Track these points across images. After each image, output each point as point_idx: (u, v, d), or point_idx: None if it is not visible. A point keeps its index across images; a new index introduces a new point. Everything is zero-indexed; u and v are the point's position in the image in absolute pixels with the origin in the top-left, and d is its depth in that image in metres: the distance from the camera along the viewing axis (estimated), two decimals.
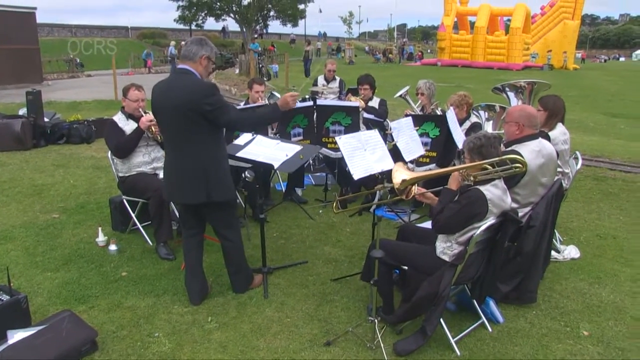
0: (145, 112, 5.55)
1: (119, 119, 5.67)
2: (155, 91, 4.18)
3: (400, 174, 3.96)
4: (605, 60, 75.04)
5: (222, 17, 47.75)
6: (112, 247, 5.44)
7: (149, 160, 5.70)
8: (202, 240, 4.63)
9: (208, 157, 4.12)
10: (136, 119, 5.60)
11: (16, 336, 3.57)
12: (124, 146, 5.57)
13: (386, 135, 6.00)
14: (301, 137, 6.92)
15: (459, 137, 5.89)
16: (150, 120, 5.43)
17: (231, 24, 54.54)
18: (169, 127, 4.16)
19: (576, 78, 33.38)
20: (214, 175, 4.14)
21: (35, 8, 22.90)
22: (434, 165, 6.36)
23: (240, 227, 4.72)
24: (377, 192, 4.94)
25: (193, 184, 4.13)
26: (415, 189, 4.06)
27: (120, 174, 5.69)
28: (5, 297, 3.84)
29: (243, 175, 6.16)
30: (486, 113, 6.30)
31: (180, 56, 4.24)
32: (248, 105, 6.69)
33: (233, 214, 4.58)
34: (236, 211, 4.68)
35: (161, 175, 5.50)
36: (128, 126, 5.62)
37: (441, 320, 3.80)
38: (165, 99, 4.07)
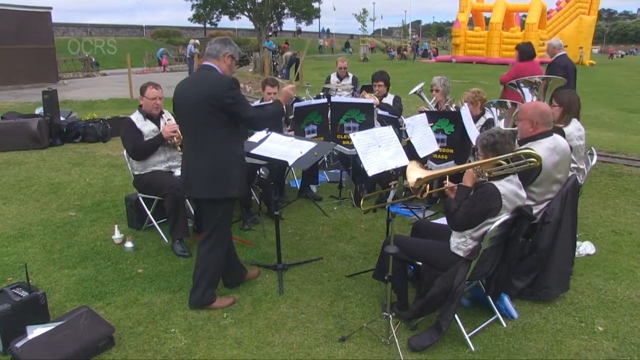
0: (168, 118, 5.59)
1: (137, 118, 5.69)
2: (178, 88, 4.21)
3: (415, 173, 3.97)
4: (622, 55, 74.31)
5: (237, 16, 47.79)
6: (128, 244, 5.48)
7: (164, 159, 5.73)
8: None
9: (228, 152, 4.10)
10: (154, 118, 5.63)
11: (35, 332, 3.62)
12: (142, 150, 5.61)
13: (400, 132, 6.00)
14: (315, 134, 6.94)
15: (474, 133, 5.89)
16: (174, 131, 5.49)
17: (245, 22, 54.66)
18: (190, 122, 4.14)
19: (592, 73, 33.04)
20: (233, 171, 4.12)
21: (50, 8, 23.06)
22: (452, 162, 6.34)
23: (226, 242, 4.45)
24: (392, 190, 4.94)
25: (210, 179, 4.09)
26: (447, 183, 4.05)
27: (136, 172, 5.73)
28: (25, 294, 3.89)
29: (258, 172, 6.19)
30: (498, 111, 6.28)
31: (205, 54, 4.23)
32: (257, 104, 6.74)
33: (228, 220, 4.42)
34: (230, 220, 4.48)
35: (177, 173, 5.55)
36: (146, 127, 5.66)
37: (455, 315, 3.81)
38: (188, 94, 4.08)
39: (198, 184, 4.17)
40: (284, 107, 4.51)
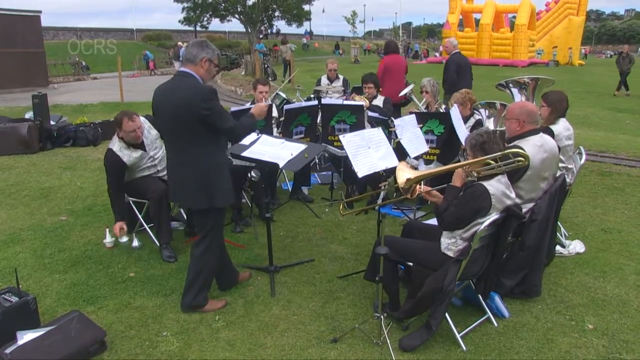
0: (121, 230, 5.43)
1: (120, 148, 5.44)
2: (157, 93, 4.09)
3: (404, 173, 3.98)
4: (610, 56, 74.75)
5: (227, 18, 47.77)
6: (124, 239, 5.46)
7: (154, 171, 5.73)
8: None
9: (209, 162, 4.02)
10: (139, 144, 5.54)
11: (25, 337, 3.61)
12: (110, 198, 5.58)
13: (390, 133, 6.02)
14: (302, 135, 6.93)
15: (463, 134, 5.90)
16: (122, 228, 5.41)
17: (236, 25, 54.66)
18: (170, 131, 4.07)
19: (581, 74, 33.23)
20: (215, 180, 4.04)
21: (40, 11, 23.00)
22: (438, 163, 6.36)
23: (219, 245, 4.45)
24: (382, 190, 4.96)
25: (194, 189, 4.03)
26: (422, 187, 4.07)
27: (126, 179, 5.69)
28: (15, 299, 3.87)
29: (249, 174, 6.19)
30: (487, 111, 6.32)
31: (183, 59, 4.10)
32: (238, 108, 6.71)
33: (220, 223, 4.39)
34: (222, 222, 4.46)
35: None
36: (131, 156, 5.48)
37: (447, 315, 3.83)
38: (165, 102, 3.97)
39: (183, 194, 4.14)
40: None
